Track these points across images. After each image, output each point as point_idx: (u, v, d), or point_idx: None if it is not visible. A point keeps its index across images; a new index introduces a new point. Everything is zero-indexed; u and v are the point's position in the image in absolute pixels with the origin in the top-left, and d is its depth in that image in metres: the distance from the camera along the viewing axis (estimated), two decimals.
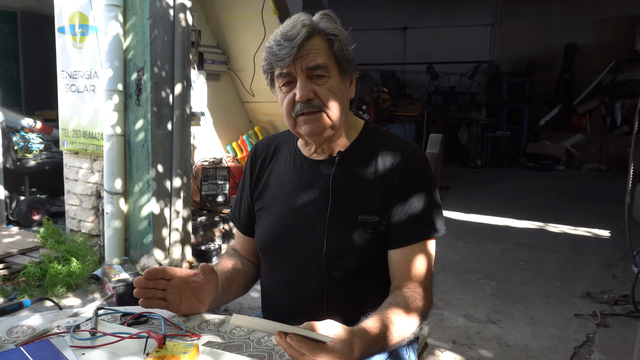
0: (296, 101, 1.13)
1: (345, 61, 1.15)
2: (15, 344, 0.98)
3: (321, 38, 1.12)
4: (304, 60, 1.10)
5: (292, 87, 1.14)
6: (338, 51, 1.13)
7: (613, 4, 10.07)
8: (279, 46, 1.10)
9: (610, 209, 5.93)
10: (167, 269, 1.09)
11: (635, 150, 3.13)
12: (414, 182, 1.17)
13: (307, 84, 1.12)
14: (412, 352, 1.29)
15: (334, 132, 1.18)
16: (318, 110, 1.13)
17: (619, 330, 2.90)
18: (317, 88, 1.13)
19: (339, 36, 1.14)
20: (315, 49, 1.11)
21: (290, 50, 1.08)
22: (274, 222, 1.24)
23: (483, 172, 9.00)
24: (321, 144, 1.21)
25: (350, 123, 1.25)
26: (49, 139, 5.03)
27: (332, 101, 1.14)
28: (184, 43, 3.49)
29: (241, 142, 5.04)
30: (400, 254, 1.16)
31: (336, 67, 1.15)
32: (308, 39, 1.10)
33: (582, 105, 10.10)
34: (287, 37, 1.09)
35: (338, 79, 1.15)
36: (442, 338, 2.77)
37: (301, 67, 1.11)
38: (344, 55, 1.15)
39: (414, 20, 11.90)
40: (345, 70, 1.17)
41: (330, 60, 1.13)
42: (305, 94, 1.11)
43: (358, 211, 1.17)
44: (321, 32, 1.12)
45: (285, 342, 0.82)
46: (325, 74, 1.13)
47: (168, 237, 3.56)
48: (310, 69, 1.11)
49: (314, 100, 1.13)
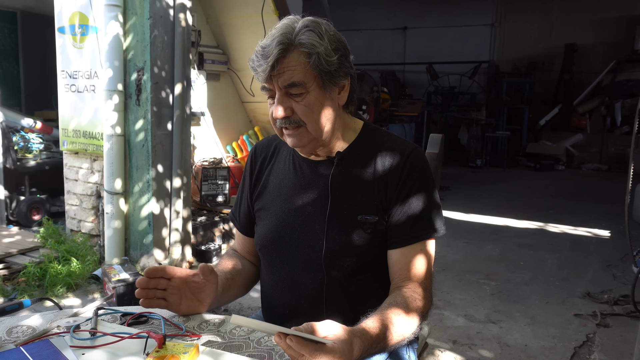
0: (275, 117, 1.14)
1: (326, 74, 1.11)
2: (15, 344, 0.98)
3: (298, 53, 1.08)
4: (280, 79, 1.09)
5: (274, 100, 1.14)
6: (316, 65, 1.09)
7: (613, 4, 10.07)
8: (258, 62, 1.09)
9: (610, 209, 5.93)
10: (167, 268, 1.10)
11: (635, 150, 3.13)
12: (413, 182, 1.17)
13: (283, 101, 1.11)
14: (412, 352, 1.29)
15: (320, 143, 1.18)
16: (297, 126, 1.13)
17: (619, 330, 2.90)
18: (295, 105, 1.11)
19: (318, 49, 1.08)
20: (291, 67, 1.08)
21: (265, 68, 1.07)
22: (274, 222, 1.25)
23: (483, 172, 9.00)
24: (310, 153, 1.22)
25: (348, 124, 1.25)
26: (49, 139, 5.03)
27: (310, 116, 1.12)
28: (184, 43, 3.49)
29: (241, 142, 5.04)
30: (400, 254, 1.16)
31: (316, 81, 1.11)
32: (283, 57, 1.07)
33: (582, 105, 10.10)
34: (264, 53, 1.08)
35: (317, 93, 1.12)
36: (442, 338, 2.77)
37: (277, 84, 1.10)
38: (324, 68, 1.10)
39: (414, 20, 11.90)
40: (327, 83, 1.13)
41: (308, 76, 1.09)
42: (281, 113, 1.11)
43: (357, 211, 1.17)
44: (298, 46, 1.08)
45: (284, 343, 0.82)
46: (302, 91, 1.10)
47: (168, 237, 3.56)
48: (287, 87, 1.10)
49: (292, 116, 1.12)
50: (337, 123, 1.20)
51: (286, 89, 1.10)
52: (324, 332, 0.85)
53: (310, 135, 1.15)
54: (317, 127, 1.14)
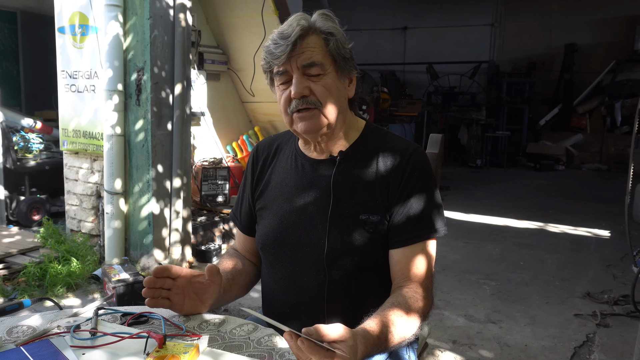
0: (291, 98, 1.14)
1: (342, 59, 1.16)
2: (15, 344, 0.98)
3: (317, 36, 1.13)
4: (299, 58, 1.12)
5: (289, 85, 1.15)
6: (334, 49, 1.14)
7: (613, 4, 10.07)
8: (275, 44, 1.12)
9: (610, 209, 5.93)
10: (173, 268, 1.10)
11: (635, 150, 3.13)
12: (415, 182, 1.18)
13: (302, 81, 1.13)
14: (412, 353, 1.29)
15: (331, 130, 1.19)
16: (313, 107, 1.14)
17: (619, 330, 2.90)
18: (313, 85, 1.14)
19: (335, 34, 1.14)
20: (310, 47, 1.12)
21: (285, 48, 1.10)
22: (275, 221, 1.25)
23: (483, 172, 9.00)
24: (318, 141, 1.21)
25: (351, 123, 1.25)
26: (49, 139, 5.03)
27: (328, 98, 1.15)
28: (184, 43, 3.49)
29: (241, 142, 5.04)
30: (401, 253, 1.17)
31: (332, 65, 1.15)
32: (303, 37, 1.11)
33: (582, 105, 10.10)
34: (283, 35, 1.11)
35: (334, 76, 1.16)
36: (442, 338, 2.76)
37: (296, 64, 1.12)
38: (341, 53, 1.15)
39: (414, 20, 11.90)
40: (342, 68, 1.17)
41: (326, 58, 1.14)
42: (299, 90, 1.12)
43: (359, 211, 1.17)
44: (317, 30, 1.13)
45: (295, 344, 0.82)
46: (321, 72, 1.13)
47: (168, 237, 3.56)
48: (306, 67, 1.12)
49: (309, 96, 1.14)
50: (345, 117, 1.22)
51: (305, 68, 1.12)
52: (330, 334, 0.84)
53: (323, 120, 1.16)
54: (331, 110, 1.16)
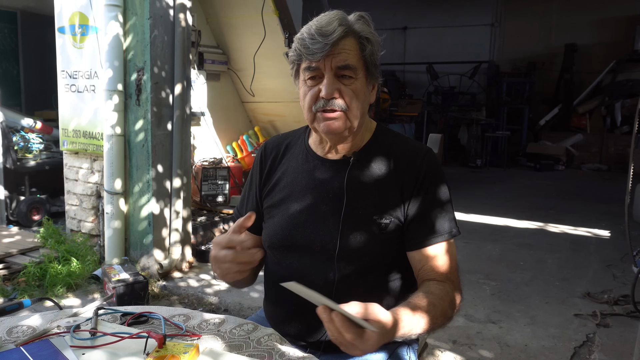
0: (320, 97, 1.13)
1: (373, 66, 1.16)
2: (15, 344, 0.98)
3: (354, 39, 1.13)
4: (335, 59, 1.11)
5: (318, 82, 1.14)
6: (368, 55, 1.14)
7: (613, 4, 10.06)
8: (313, 40, 1.09)
9: (610, 209, 5.92)
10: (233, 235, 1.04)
11: (635, 150, 3.13)
12: (429, 183, 1.19)
13: (333, 82, 1.12)
14: (412, 353, 1.29)
15: (351, 134, 1.19)
16: (339, 110, 1.14)
17: (619, 330, 2.90)
18: (343, 88, 1.13)
19: (372, 40, 1.15)
20: (347, 49, 1.11)
21: (323, 47, 1.09)
22: (285, 219, 1.24)
23: (483, 172, 8.99)
24: (336, 143, 1.22)
25: (364, 124, 1.26)
26: (49, 139, 5.03)
27: (355, 103, 1.14)
28: (184, 43, 3.49)
29: (241, 142, 5.04)
30: (422, 254, 1.18)
31: (364, 70, 1.15)
32: (342, 38, 1.10)
33: (582, 105, 10.09)
34: (322, 32, 1.09)
35: (363, 82, 1.16)
36: (442, 338, 2.76)
37: (331, 64, 1.11)
38: (373, 60, 1.16)
39: (414, 20, 11.90)
40: (372, 74, 1.18)
41: (359, 63, 1.14)
42: (330, 91, 1.12)
43: (372, 211, 1.18)
44: (355, 33, 1.13)
45: (328, 316, 0.83)
46: (352, 75, 1.13)
47: (168, 237, 3.56)
48: (340, 69, 1.12)
49: (337, 99, 1.13)
50: (364, 120, 1.22)
51: (338, 70, 1.12)
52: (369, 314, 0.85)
53: (347, 123, 1.15)
54: (356, 114, 1.15)
